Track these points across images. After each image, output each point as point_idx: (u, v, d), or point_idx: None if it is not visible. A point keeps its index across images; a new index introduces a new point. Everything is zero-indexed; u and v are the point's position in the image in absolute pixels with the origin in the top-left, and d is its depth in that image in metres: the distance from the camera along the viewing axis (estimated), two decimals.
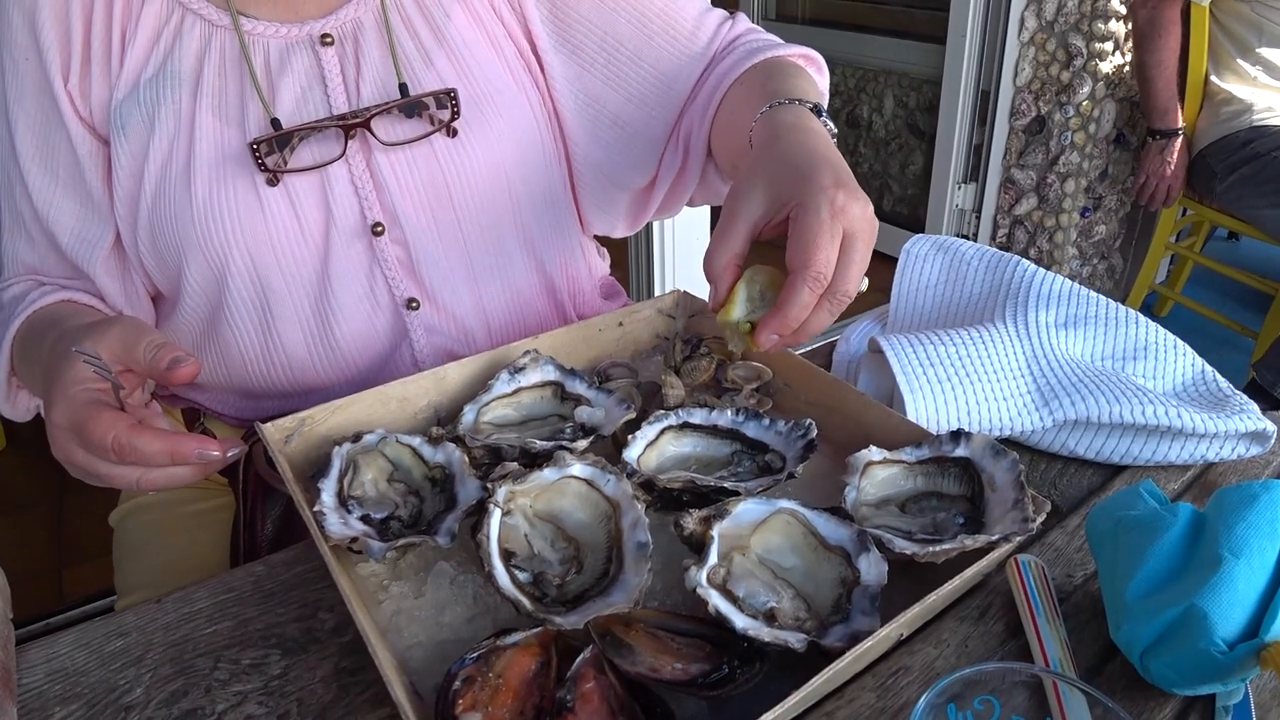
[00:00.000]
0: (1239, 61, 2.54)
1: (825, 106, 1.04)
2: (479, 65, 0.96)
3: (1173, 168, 2.79)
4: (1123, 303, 3.00)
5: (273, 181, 0.88)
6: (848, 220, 0.69)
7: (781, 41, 1.02)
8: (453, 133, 0.93)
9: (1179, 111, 2.72)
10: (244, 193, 0.87)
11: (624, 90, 1.02)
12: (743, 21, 1.07)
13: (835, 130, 0.85)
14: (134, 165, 0.88)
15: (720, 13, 1.06)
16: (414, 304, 0.97)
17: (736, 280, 0.74)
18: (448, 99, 0.91)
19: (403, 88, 0.91)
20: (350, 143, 0.89)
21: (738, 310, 0.74)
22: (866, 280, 0.73)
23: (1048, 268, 3.30)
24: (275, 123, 0.88)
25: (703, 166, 1.04)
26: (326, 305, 0.93)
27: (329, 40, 0.91)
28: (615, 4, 1.00)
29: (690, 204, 1.13)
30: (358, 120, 0.89)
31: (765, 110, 0.84)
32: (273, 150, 0.87)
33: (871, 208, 0.71)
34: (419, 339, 0.98)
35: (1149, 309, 3.31)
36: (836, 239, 0.68)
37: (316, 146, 0.89)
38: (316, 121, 0.88)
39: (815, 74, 1.02)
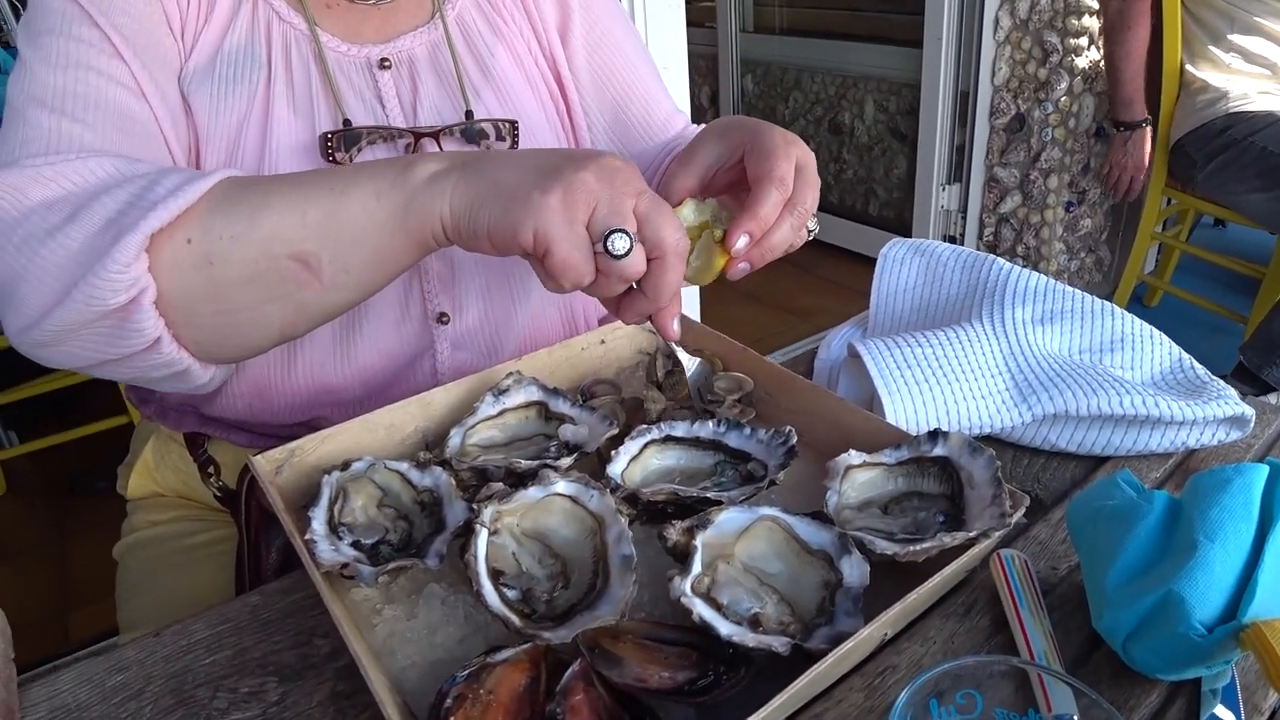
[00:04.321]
0: (1213, 49, 2.56)
1: None
2: (520, 102, 1.01)
3: (1137, 159, 2.82)
4: (1111, 294, 2.99)
5: None
6: (799, 150, 0.77)
7: None
8: None
9: (1144, 103, 2.75)
10: None
11: None
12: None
13: None
14: (192, 140, 0.88)
15: (686, 116, 1.17)
16: (444, 318, 0.97)
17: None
18: (508, 130, 0.96)
19: (468, 114, 0.96)
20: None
21: (685, 212, 0.77)
22: (818, 223, 0.80)
23: (1035, 264, 3.33)
24: (347, 122, 0.91)
25: None
26: (356, 309, 0.93)
27: (386, 64, 0.95)
28: (606, 76, 1.09)
29: None
30: (430, 133, 0.92)
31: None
32: (340, 147, 0.89)
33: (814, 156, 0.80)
34: (443, 352, 0.99)
35: (1138, 300, 3.32)
36: (792, 159, 0.75)
37: (381, 153, 0.92)
38: (391, 127, 0.92)
39: None
